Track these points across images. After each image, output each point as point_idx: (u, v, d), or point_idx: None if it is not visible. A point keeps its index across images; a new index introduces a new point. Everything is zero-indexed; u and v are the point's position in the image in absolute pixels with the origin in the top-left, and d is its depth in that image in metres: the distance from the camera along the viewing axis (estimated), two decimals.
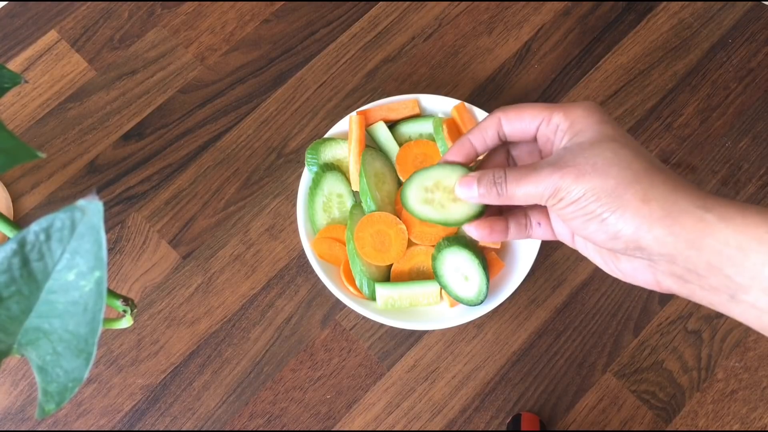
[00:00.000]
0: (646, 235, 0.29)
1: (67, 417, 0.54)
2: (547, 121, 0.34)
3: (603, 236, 0.31)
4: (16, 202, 0.58)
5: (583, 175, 0.31)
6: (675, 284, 0.31)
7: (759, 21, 0.63)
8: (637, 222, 0.30)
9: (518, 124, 0.35)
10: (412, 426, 0.54)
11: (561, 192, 0.31)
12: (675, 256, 0.29)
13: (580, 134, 0.33)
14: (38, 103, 0.61)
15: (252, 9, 0.64)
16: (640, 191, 0.30)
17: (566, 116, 0.33)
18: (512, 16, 0.64)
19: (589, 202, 0.31)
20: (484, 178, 0.35)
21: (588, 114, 0.33)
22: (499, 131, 0.36)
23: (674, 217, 0.29)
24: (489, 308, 0.51)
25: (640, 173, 0.30)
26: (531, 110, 0.35)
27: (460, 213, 0.38)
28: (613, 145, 0.31)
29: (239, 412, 0.54)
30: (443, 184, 0.39)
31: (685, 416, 0.54)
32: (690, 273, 0.30)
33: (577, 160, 0.31)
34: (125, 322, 0.30)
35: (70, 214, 0.22)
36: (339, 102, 0.61)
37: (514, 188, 0.33)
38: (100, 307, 0.23)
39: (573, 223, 0.32)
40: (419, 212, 0.39)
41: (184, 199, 0.59)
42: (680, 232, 0.29)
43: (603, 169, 0.31)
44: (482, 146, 0.37)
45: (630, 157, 0.31)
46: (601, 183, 0.30)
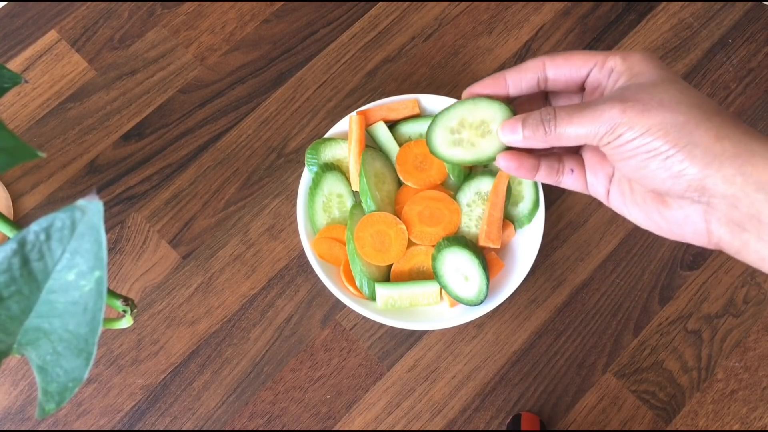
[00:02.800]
0: (715, 174, 0.28)
1: (67, 417, 0.54)
2: (600, 65, 0.32)
3: (664, 174, 0.29)
4: (16, 202, 0.58)
5: (649, 110, 0.29)
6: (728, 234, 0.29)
7: (759, 21, 0.63)
8: (708, 159, 0.28)
9: (566, 69, 0.33)
10: (412, 426, 0.54)
11: (621, 127, 0.29)
12: (740, 198, 0.28)
13: (639, 75, 0.31)
14: (38, 103, 0.61)
15: (252, 9, 0.64)
16: (713, 129, 0.28)
17: (624, 59, 0.31)
18: (512, 16, 0.64)
19: (654, 137, 0.29)
20: (530, 118, 0.33)
21: (647, 59, 0.31)
22: (540, 76, 0.34)
23: (746, 157, 0.27)
24: (489, 308, 0.51)
25: (711, 113, 0.29)
26: (582, 55, 0.33)
27: (491, 148, 0.36)
28: (678, 86, 0.30)
29: (239, 412, 0.54)
30: (468, 120, 0.36)
31: (685, 416, 0.54)
32: (751, 219, 0.28)
33: (640, 96, 0.29)
34: (125, 322, 0.30)
35: (70, 214, 0.22)
36: (339, 102, 0.61)
37: (565, 126, 0.31)
38: (100, 307, 0.23)
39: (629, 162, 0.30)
40: (450, 156, 0.37)
41: (184, 199, 0.59)
42: (751, 172, 0.27)
43: (671, 105, 0.29)
44: (517, 88, 0.35)
45: (698, 98, 0.29)
46: (671, 118, 0.28)
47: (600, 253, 0.57)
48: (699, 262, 0.57)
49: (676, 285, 0.57)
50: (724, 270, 0.57)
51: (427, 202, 0.53)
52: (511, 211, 0.54)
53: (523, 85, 0.34)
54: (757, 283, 0.57)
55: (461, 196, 0.53)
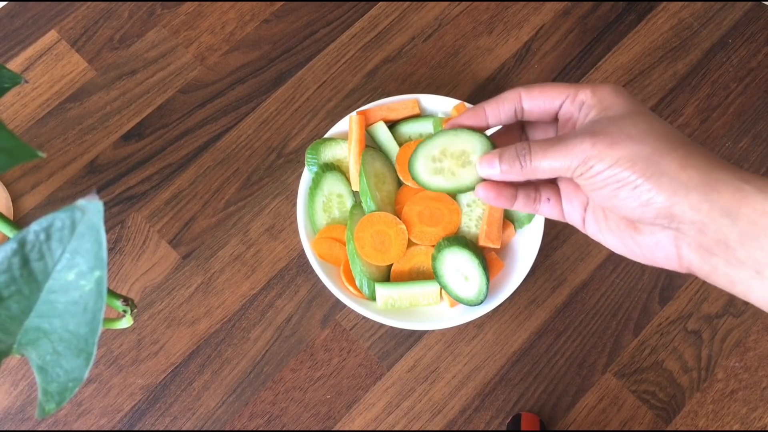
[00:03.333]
0: (682, 201, 0.29)
1: (67, 417, 0.54)
2: (572, 98, 0.33)
3: (633, 203, 0.31)
4: (16, 202, 0.58)
5: (617, 143, 0.30)
6: (698, 259, 0.30)
7: (759, 21, 0.63)
8: (675, 187, 0.29)
9: (540, 101, 0.35)
10: (412, 426, 0.54)
11: (591, 160, 0.31)
12: (707, 224, 0.29)
13: (609, 109, 0.32)
14: (38, 103, 0.61)
15: (252, 9, 0.64)
16: (678, 158, 0.29)
17: (594, 93, 0.33)
18: (512, 16, 0.64)
19: (622, 168, 0.30)
20: (506, 153, 0.34)
21: (616, 93, 0.32)
22: (516, 107, 0.36)
23: (712, 184, 0.29)
24: (489, 308, 0.51)
25: (677, 143, 0.30)
26: (555, 87, 0.34)
27: (470, 178, 0.38)
28: (645, 118, 0.31)
29: (239, 412, 0.54)
30: (449, 150, 0.38)
31: (685, 416, 0.54)
32: (719, 245, 0.29)
33: (609, 129, 0.31)
34: (125, 322, 0.30)
35: (70, 214, 0.22)
36: (339, 102, 0.61)
37: (540, 160, 0.33)
38: (100, 307, 0.23)
39: (601, 192, 0.32)
40: (431, 184, 0.39)
41: (184, 199, 0.59)
42: (717, 199, 0.28)
43: (638, 137, 0.30)
44: (495, 119, 0.36)
45: (665, 130, 0.31)
46: (638, 149, 0.30)
47: (600, 253, 0.57)
48: None
49: (676, 285, 0.57)
50: None
51: (427, 202, 0.53)
52: (511, 211, 0.54)
53: (501, 116, 0.36)
54: None
55: (461, 196, 0.53)
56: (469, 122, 0.37)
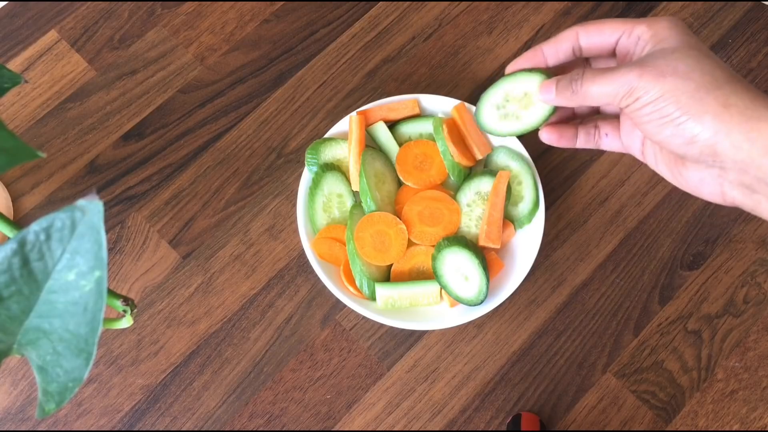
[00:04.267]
0: (724, 140, 0.30)
1: (67, 417, 0.54)
2: (628, 32, 0.34)
3: (679, 140, 0.31)
4: (16, 202, 0.58)
5: (663, 76, 0.31)
6: (741, 195, 0.31)
7: (759, 21, 0.63)
8: (717, 126, 0.30)
9: (597, 37, 0.35)
10: (412, 426, 0.54)
11: (638, 91, 0.31)
12: (748, 163, 0.30)
13: (662, 42, 0.33)
14: (38, 103, 0.61)
15: (252, 9, 0.64)
16: (721, 96, 0.30)
17: (649, 27, 0.33)
18: (512, 16, 0.64)
19: (667, 103, 0.31)
20: (563, 79, 0.36)
21: (672, 26, 0.33)
22: (574, 46, 0.36)
23: (753, 123, 0.29)
24: (489, 308, 0.51)
25: (722, 81, 0.30)
26: (612, 23, 0.35)
27: (535, 117, 0.39)
28: (695, 53, 0.31)
29: (239, 412, 0.54)
30: (511, 95, 0.40)
31: (685, 416, 0.54)
32: (759, 182, 0.30)
33: (657, 62, 0.31)
34: (125, 322, 0.30)
35: (70, 214, 0.22)
36: (339, 102, 0.61)
37: (590, 85, 0.34)
38: (100, 307, 0.23)
39: (647, 126, 0.32)
40: (501, 130, 0.41)
41: (184, 199, 0.59)
42: (757, 138, 0.29)
43: (684, 72, 0.31)
44: (554, 59, 0.37)
45: (712, 66, 0.31)
46: (682, 84, 0.30)
47: (600, 253, 0.57)
48: (699, 262, 0.57)
49: (676, 285, 0.57)
50: (724, 270, 0.57)
51: (427, 202, 0.53)
52: (511, 211, 0.54)
53: (560, 56, 0.37)
54: (757, 283, 0.57)
55: (461, 196, 0.53)
56: (527, 64, 0.38)
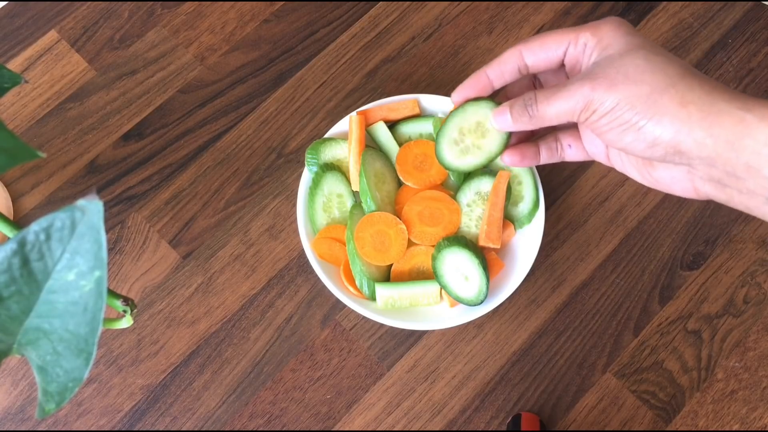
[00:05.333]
0: (686, 139, 0.29)
1: (67, 417, 0.54)
2: (574, 42, 0.33)
3: (641, 145, 0.31)
4: (16, 202, 0.58)
5: (615, 85, 0.30)
6: (713, 189, 0.31)
7: (759, 21, 0.63)
8: (676, 126, 0.29)
9: (542, 54, 0.34)
10: (412, 426, 0.54)
11: (594, 104, 0.31)
12: (714, 158, 0.29)
13: (608, 47, 0.32)
14: (38, 103, 0.61)
15: (252, 9, 0.64)
16: (677, 95, 0.29)
17: (593, 33, 0.33)
18: (512, 16, 0.64)
19: (623, 111, 0.30)
20: (516, 104, 0.35)
21: (615, 27, 0.32)
22: (519, 65, 0.35)
23: (713, 118, 0.28)
24: (489, 308, 0.51)
25: (675, 78, 0.30)
26: (554, 36, 0.34)
27: (494, 145, 0.39)
28: (643, 52, 0.31)
29: (239, 412, 0.54)
30: (465, 128, 0.40)
31: (685, 416, 0.54)
32: (729, 176, 0.29)
33: (607, 71, 0.31)
34: (125, 322, 0.30)
35: (70, 214, 0.22)
36: (339, 102, 0.61)
37: (545, 107, 0.33)
38: (100, 307, 0.23)
39: (608, 135, 0.32)
40: (464, 165, 0.41)
41: (184, 199, 0.59)
42: (720, 133, 0.28)
43: (635, 76, 0.30)
44: (500, 81, 0.37)
45: (663, 63, 0.30)
46: (635, 90, 0.30)
47: (600, 253, 0.57)
48: (699, 262, 0.57)
49: (676, 285, 0.57)
50: (724, 270, 0.57)
51: (427, 202, 0.53)
52: (511, 211, 0.54)
53: (506, 77, 0.36)
54: (757, 283, 0.57)
55: (461, 196, 0.53)
56: (473, 93, 0.38)
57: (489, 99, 0.38)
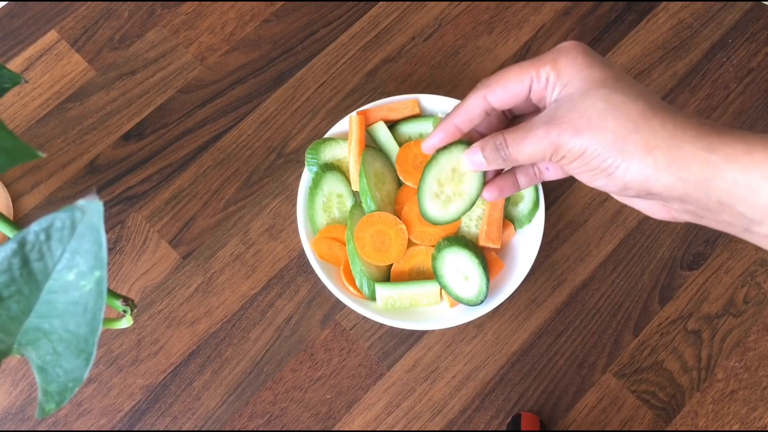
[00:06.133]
0: (656, 184, 0.29)
1: (67, 417, 0.54)
2: (537, 78, 0.33)
3: (614, 188, 0.31)
4: (16, 202, 0.58)
5: (580, 131, 0.30)
6: (690, 218, 0.31)
7: (759, 21, 0.63)
8: (645, 172, 0.29)
9: (505, 93, 0.34)
10: (412, 426, 0.54)
11: (561, 150, 0.31)
12: (686, 198, 0.29)
13: (569, 85, 0.32)
14: (38, 103, 0.61)
15: (252, 9, 0.64)
16: (641, 141, 0.29)
17: (553, 67, 0.32)
18: (512, 16, 0.64)
19: (592, 158, 0.30)
20: (487, 145, 0.35)
21: (572, 59, 0.32)
22: (485, 108, 0.35)
23: (680, 163, 0.29)
24: (489, 308, 0.51)
25: (638, 120, 0.30)
26: (515, 74, 0.33)
27: (474, 185, 0.39)
28: (603, 92, 0.30)
29: (239, 412, 0.54)
30: (442, 177, 0.40)
31: (685, 416, 0.54)
32: (703, 210, 0.30)
33: (571, 115, 0.31)
34: (125, 322, 0.30)
35: (70, 214, 0.22)
36: (339, 102, 0.61)
37: (517, 151, 0.33)
38: (100, 307, 0.23)
39: (582, 177, 0.32)
40: (449, 216, 0.41)
41: (184, 199, 0.59)
42: (687, 176, 0.29)
43: (598, 122, 0.30)
44: (468, 126, 0.36)
45: (623, 103, 0.30)
46: (599, 137, 0.30)
47: (600, 253, 0.57)
48: (699, 262, 0.57)
49: (676, 285, 0.57)
50: (724, 270, 0.57)
51: None
52: (511, 211, 0.54)
53: (474, 122, 0.36)
54: (757, 283, 0.57)
55: None
56: (442, 143, 0.38)
57: (458, 142, 0.38)
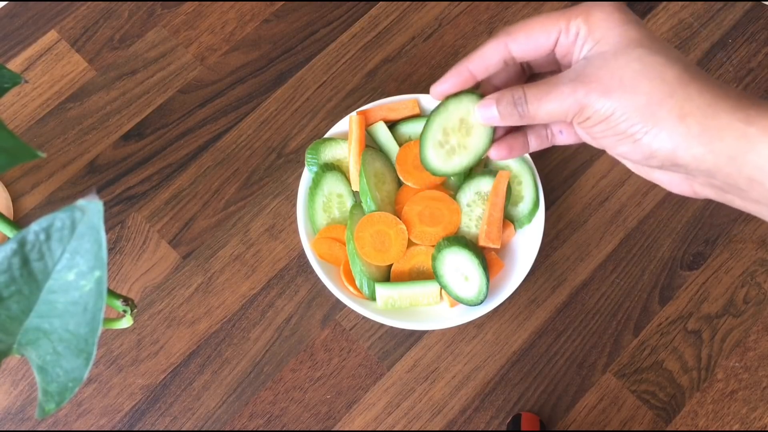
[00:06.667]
0: (685, 154, 0.28)
1: (67, 417, 0.54)
2: (566, 31, 0.31)
3: (637, 156, 0.29)
4: (16, 202, 0.58)
5: (610, 92, 0.28)
6: (713, 193, 0.30)
7: (759, 21, 0.63)
8: (675, 140, 0.28)
9: (530, 44, 0.32)
10: (412, 426, 0.54)
11: (587, 110, 0.29)
12: (714, 172, 0.28)
13: (602, 41, 0.30)
14: (38, 103, 0.61)
15: (252, 9, 0.64)
16: (676, 107, 0.27)
17: (585, 20, 0.30)
18: (512, 16, 0.64)
19: (619, 122, 0.28)
20: (503, 99, 0.33)
21: (608, 15, 0.30)
22: (505, 57, 0.33)
23: (713, 133, 0.27)
24: (489, 308, 0.51)
25: (674, 85, 0.28)
26: (541, 23, 0.31)
27: (481, 141, 0.37)
28: (639, 52, 0.29)
29: (239, 412, 0.54)
30: (448, 127, 0.37)
31: (685, 416, 0.54)
32: (730, 186, 0.28)
33: (601, 74, 0.29)
34: (125, 322, 0.30)
35: (70, 214, 0.22)
36: (339, 102, 0.61)
37: (536, 108, 0.31)
38: (100, 307, 0.23)
39: (603, 142, 0.30)
40: (451, 168, 0.38)
41: (184, 199, 0.59)
42: (721, 148, 0.27)
43: (631, 83, 0.28)
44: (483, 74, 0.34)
45: (660, 66, 0.28)
46: (631, 100, 0.28)
47: (600, 253, 0.57)
48: (699, 262, 0.57)
49: (676, 285, 0.57)
50: (724, 270, 0.57)
51: (427, 202, 0.53)
52: (511, 211, 0.54)
53: (490, 70, 0.34)
54: (757, 283, 0.57)
55: (461, 196, 0.53)
56: (454, 88, 0.35)
57: (470, 92, 0.35)
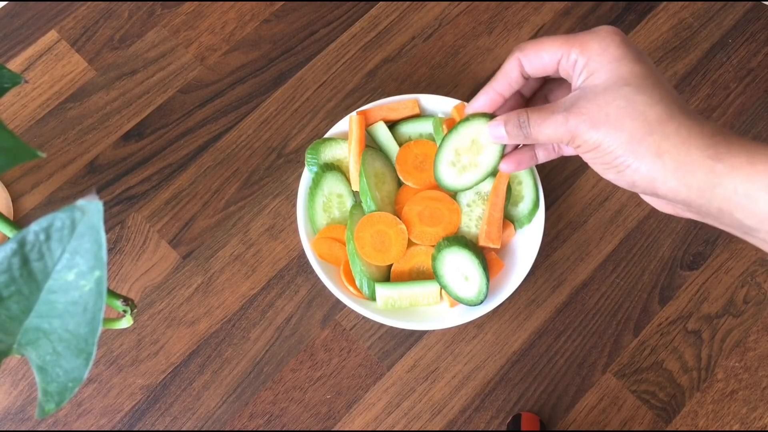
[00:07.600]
0: (662, 186, 0.31)
1: (67, 417, 0.54)
2: (566, 56, 0.34)
3: (622, 183, 0.33)
4: (16, 202, 0.58)
5: (598, 125, 0.32)
6: (694, 216, 0.33)
7: (759, 21, 0.63)
8: (652, 175, 0.31)
9: (538, 61, 0.35)
10: (412, 426, 0.54)
11: (577, 139, 0.33)
12: (689, 202, 0.31)
13: (595, 75, 0.33)
14: (38, 103, 0.61)
15: (252, 9, 0.64)
16: (654, 144, 0.31)
17: (583, 51, 0.33)
18: (512, 16, 0.64)
19: (605, 153, 0.32)
20: (511, 120, 0.36)
21: (603, 49, 0.33)
22: (522, 72, 0.37)
23: (686, 169, 0.30)
24: (489, 308, 0.51)
25: (654, 124, 0.31)
26: (549, 45, 0.35)
27: (491, 158, 0.40)
28: (626, 90, 0.32)
29: (239, 412, 0.54)
30: (461, 147, 0.41)
31: (685, 416, 0.54)
32: (707, 215, 0.31)
33: (590, 107, 0.32)
34: (125, 322, 0.30)
35: (70, 214, 0.22)
36: (339, 102, 0.61)
37: (537, 132, 0.35)
38: (100, 307, 0.23)
39: (594, 167, 0.34)
40: (464, 184, 0.42)
41: (184, 199, 0.59)
42: (692, 182, 0.30)
43: (616, 120, 0.31)
44: (509, 91, 0.38)
45: (643, 105, 0.31)
46: (615, 135, 0.31)
47: (600, 253, 0.57)
48: (699, 262, 0.57)
49: (676, 285, 0.57)
50: (724, 270, 0.57)
51: (427, 202, 0.53)
52: (511, 211, 0.54)
53: (513, 86, 0.38)
54: (757, 283, 0.57)
55: (461, 196, 0.53)
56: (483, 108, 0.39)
57: (480, 115, 0.39)
